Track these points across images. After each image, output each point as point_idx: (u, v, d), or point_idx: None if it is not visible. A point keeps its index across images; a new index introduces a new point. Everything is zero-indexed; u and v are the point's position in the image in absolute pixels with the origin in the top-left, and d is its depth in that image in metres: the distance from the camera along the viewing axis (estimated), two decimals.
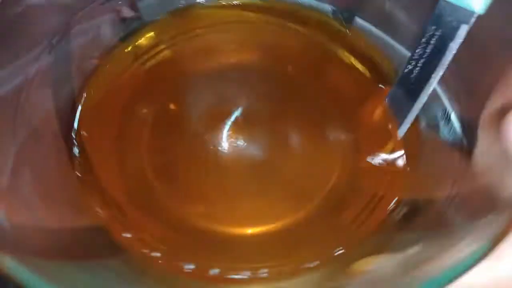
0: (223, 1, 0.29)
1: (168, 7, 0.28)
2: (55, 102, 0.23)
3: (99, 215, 0.21)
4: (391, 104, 0.23)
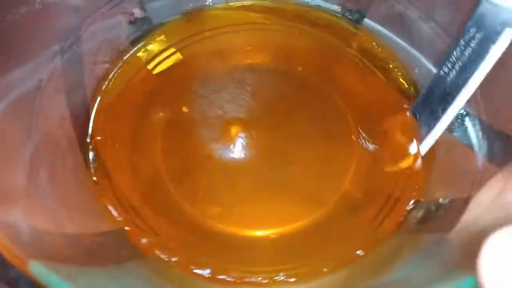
0: (231, 3, 0.29)
1: (177, 10, 0.28)
2: (69, 107, 0.23)
3: (117, 220, 0.21)
4: (417, 114, 0.22)
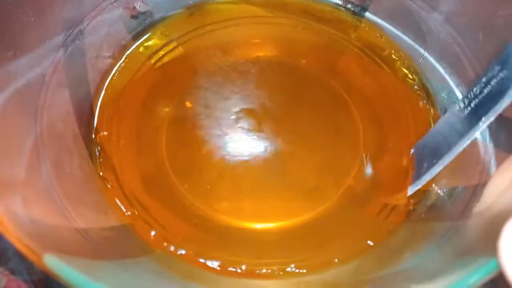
0: None
1: (179, 4, 0.28)
2: (73, 102, 0.23)
3: (125, 214, 0.21)
4: (418, 154, 0.21)
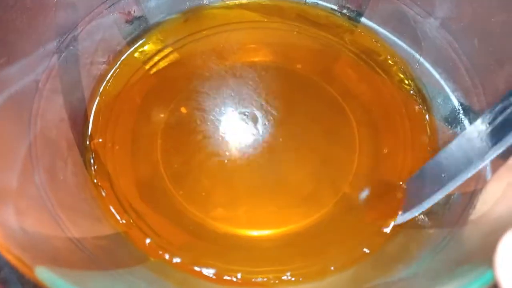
0: (228, 2, 0.29)
1: (174, 9, 0.28)
2: (67, 109, 0.23)
3: (120, 223, 0.21)
4: (411, 187, 0.21)
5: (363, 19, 0.27)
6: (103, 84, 0.25)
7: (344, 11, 0.28)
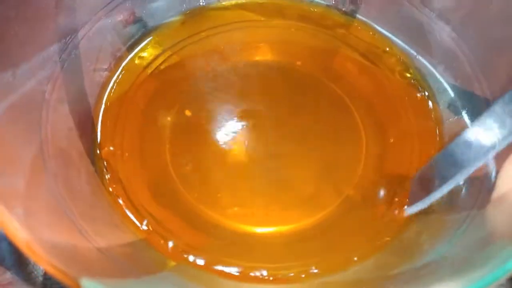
0: (224, 2, 0.29)
1: (171, 12, 0.28)
2: (75, 118, 0.22)
3: (139, 229, 0.21)
4: (417, 183, 0.21)
5: (359, 14, 0.28)
6: (107, 91, 0.25)
7: (340, 6, 0.28)
